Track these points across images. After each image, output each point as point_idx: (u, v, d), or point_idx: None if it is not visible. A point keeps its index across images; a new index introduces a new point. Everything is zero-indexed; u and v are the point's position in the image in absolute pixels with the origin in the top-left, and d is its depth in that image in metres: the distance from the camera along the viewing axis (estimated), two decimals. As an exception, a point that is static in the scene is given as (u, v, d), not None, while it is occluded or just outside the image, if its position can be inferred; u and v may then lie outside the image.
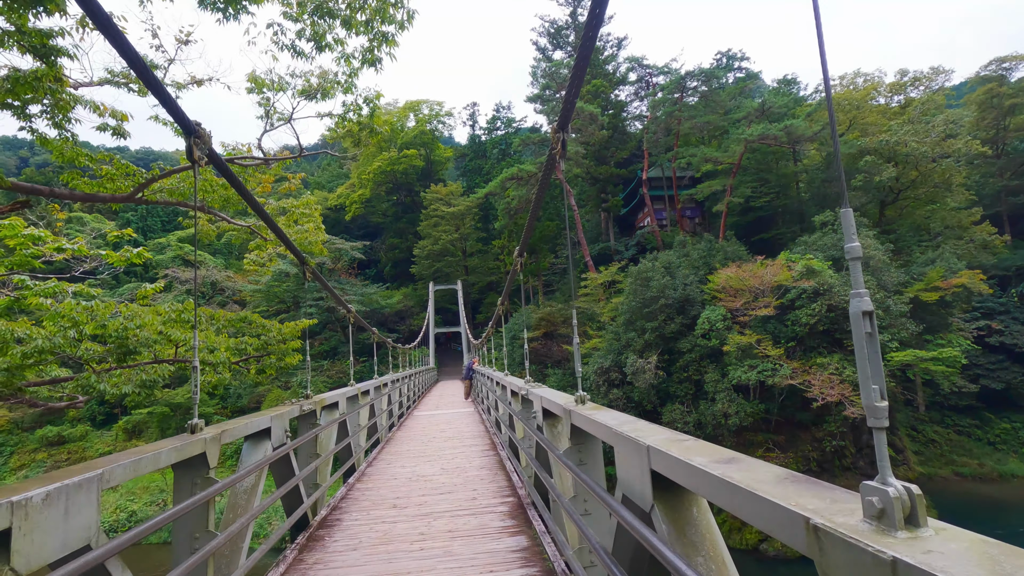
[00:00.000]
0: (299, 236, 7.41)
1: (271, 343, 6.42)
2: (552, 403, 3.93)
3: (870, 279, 25.58)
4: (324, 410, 6.34)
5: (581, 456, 3.28)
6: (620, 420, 2.56)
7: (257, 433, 4.01)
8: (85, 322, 4.68)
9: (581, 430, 3.17)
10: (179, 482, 3.03)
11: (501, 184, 38.95)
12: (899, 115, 36.88)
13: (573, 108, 3.62)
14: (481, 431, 10.88)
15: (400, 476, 7.11)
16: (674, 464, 1.74)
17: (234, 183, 3.59)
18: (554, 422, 4.30)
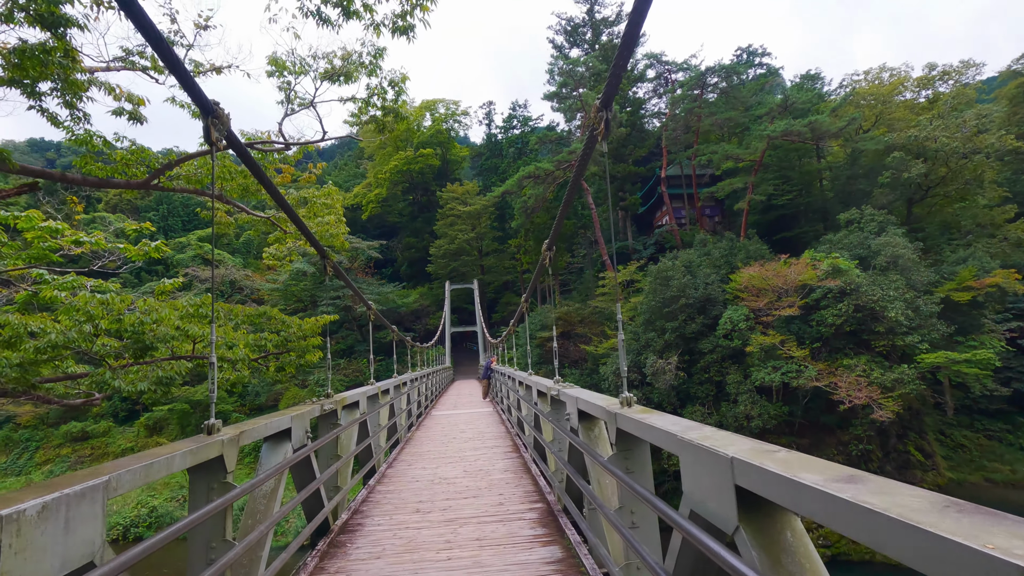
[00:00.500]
0: (320, 229, 7.19)
1: (291, 339, 6.22)
2: (591, 405, 3.65)
3: (899, 278, 24.85)
4: (344, 410, 6.13)
5: (628, 463, 3.00)
6: (683, 425, 2.27)
7: (277, 434, 3.79)
8: (101, 316, 4.51)
9: (629, 435, 2.89)
10: (195, 487, 2.81)
11: (518, 182, 38.68)
12: (927, 110, 35.87)
13: (619, 84, 3.34)
14: (502, 432, 10.62)
15: (422, 478, 6.87)
16: (774, 481, 1.46)
17: (253, 168, 3.38)
18: (591, 425, 4.02)
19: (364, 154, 75.41)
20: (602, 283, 36.53)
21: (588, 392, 4.18)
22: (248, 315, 6.08)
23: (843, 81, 41.43)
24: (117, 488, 1.95)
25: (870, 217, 29.43)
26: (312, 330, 6.55)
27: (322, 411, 4.79)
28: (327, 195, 7.56)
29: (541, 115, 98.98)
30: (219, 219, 6.93)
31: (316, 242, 4.80)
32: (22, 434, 42.76)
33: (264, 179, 3.52)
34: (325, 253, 5.10)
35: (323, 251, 5.04)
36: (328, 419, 5.22)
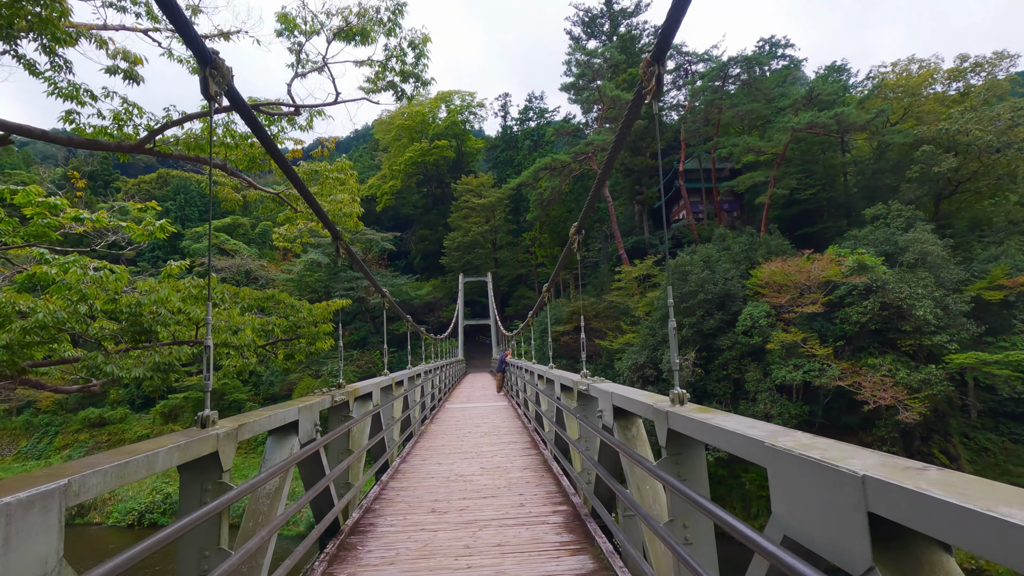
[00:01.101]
0: (332, 207, 6.79)
1: (300, 325, 5.87)
2: (632, 402, 3.25)
3: (927, 276, 24.02)
4: (357, 401, 5.79)
5: (680, 469, 2.60)
6: (766, 429, 1.87)
7: (283, 427, 3.45)
8: (94, 296, 4.20)
9: (684, 437, 2.49)
10: (185, 487, 2.47)
11: (534, 174, 38.16)
12: (959, 103, 34.67)
13: (673, 36, 2.92)
14: (519, 427, 10.26)
15: (437, 475, 6.53)
16: (938, 512, 1.05)
17: (256, 129, 3.02)
18: (628, 423, 3.62)
19: (379, 146, 75.31)
20: (618, 277, 35.97)
21: (625, 387, 3.78)
22: (255, 298, 5.71)
23: (870, 73, 40.21)
24: (80, 493, 1.59)
25: (897, 212, 28.51)
26: (323, 316, 6.16)
27: (333, 403, 4.45)
28: (340, 169, 7.10)
29: (558, 107, 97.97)
30: (225, 195, 6.57)
31: (328, 221, 4.45)
32: (42, 419, 43.48)
33: (269, 143, 3.16)
34: (338, 234, 4.74)
35: (335, 231, 4.69)
36: (339, 411, 4.88)
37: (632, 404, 3.25)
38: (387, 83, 6.57)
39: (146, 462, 1.92)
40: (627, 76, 44.45)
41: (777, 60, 44.04)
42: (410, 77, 6.61)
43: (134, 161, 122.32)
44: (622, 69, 45.28)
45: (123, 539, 28.07)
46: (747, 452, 1.80)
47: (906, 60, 41.32)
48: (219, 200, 6.98)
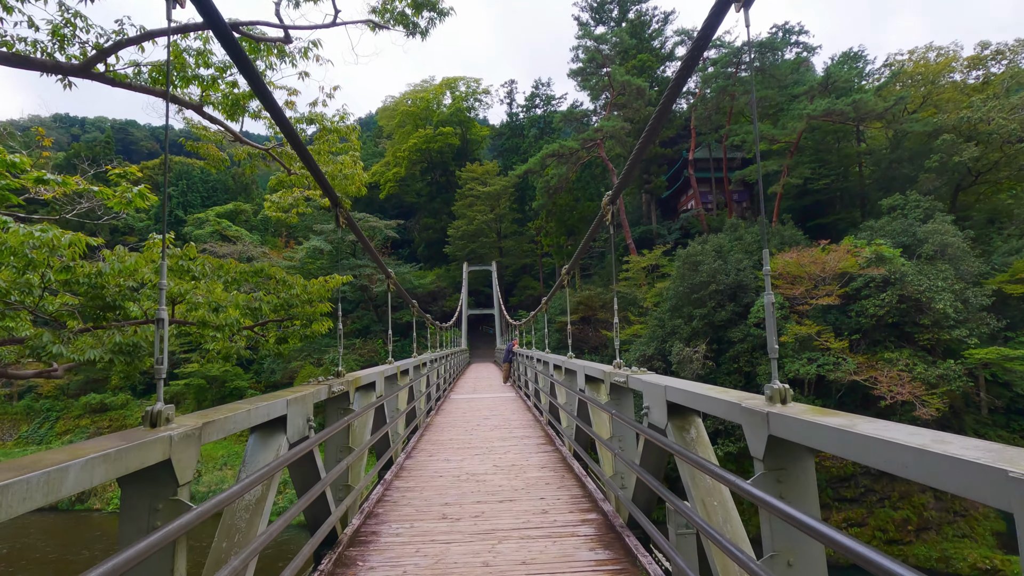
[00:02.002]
0: (332, 169, 6.08)
1: (294, 304, 5.23)
2: (697, 397, 2.62)
3: (947, 268, 23.29)
4: (359, 392, 5.18)
5: (783, 489, 1.97)
6: (969, 445, 1.23)
7: (268, 423, 2.83)
8: (44, 263, 3.57)
9: (793, 447, 1.86)
10: (128, 508, 1.84)
11: (541, 161, 37.34)
12: (979, 92, 33.65)
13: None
14: (530, 420, 9.67)
15: (446, 473, 5.93)
16: None
17: (234, 52, 2.38)
18: (686, 423, 3.00)
19: (383, 133, 74.39)
20: (626, 267, 35.29)
21: (679, 380, 3.15)
22: (241, 272, 5.04)
23: (887, 60, 39.12)
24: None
25: (915, 203, 27.71)
26: (320, 294, 5.51)
27: (330, 393, 3.82)
28: (341, 119, 6.29)
29: (565, 94, 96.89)
30: (207, 152, 5.85)
31: (325, 183, 3.82)
32: (43, 404, 43.34)
33: (251, 72, 2.51)
34: (337, 200, 4.11)
35: (335, 197, 4.06)
36: (338, 403, 4.27)
37: (698, 401, 2.62)
38: (399, 13, 5.73)
39: (44, 483, 1.29)
40: (637, 63, 43.48)
41: (790, 48, 42.97)
42: (424, 7, 5.79)
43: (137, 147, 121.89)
44: (631, 55, 44.27)
45: (119, 525, 27.71)
46: (963, 484, 1.16)
47: (924, 48, 40.27)
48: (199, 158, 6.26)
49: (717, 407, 2.39)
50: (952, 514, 21.73)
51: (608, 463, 4.65)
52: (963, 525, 21.54)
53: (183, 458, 1.88)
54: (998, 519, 21.45)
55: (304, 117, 5.77)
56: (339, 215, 4.20)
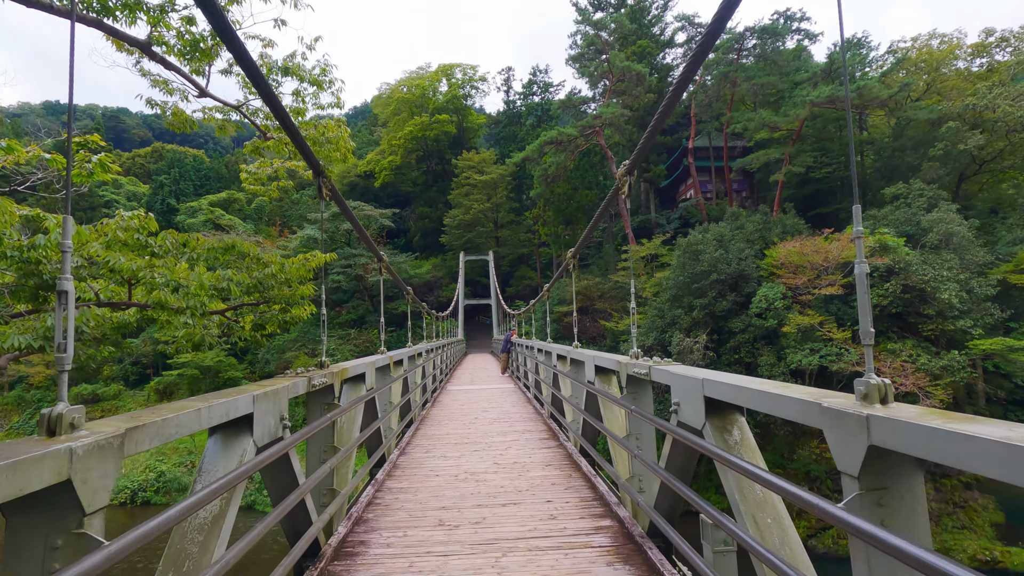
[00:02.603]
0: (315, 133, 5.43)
1: (270, 285, 4.69)
2: (747, 393, 2.15)
3: (952, 258, 22.93)
4: (347, 384, 4.71)
5: (884, 513, 1.51)
6: None
7: (230, 424, 2.36)
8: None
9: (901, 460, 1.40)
10: (16, 545, 1.36)
11: (539, 149, 36.68)
12: (984, 79, 33.16)
13: None
14: (531, 412, 9.23)
15: (443, 472, 5.48)
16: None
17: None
18: (727, 423, 2.54)
19: (378, 121, 73.37)
20: (624, 257, 34.81)
21: (722, 372, 2.68)
22: (210, 249, 4.50)
23: (890, 47, 38.51)
24: None
25: (919, 192, 27.29)
26: (300, 274, 4.94)
27: (310, 387, 3.34)
28: (324, 71, 5.59)
29: (563, 81, 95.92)
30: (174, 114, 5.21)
31: (305, 148, 3.32)
32: (34, 395, 42.91)
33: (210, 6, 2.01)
34: (320, 168, 3.62)
35: (317, 164, 3.56)
36: (321, 398, 3.79)
37: (750, 397, 2.15)
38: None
39: None
40: (636, 48, 42.74)
41: (792, 36, 42.32)
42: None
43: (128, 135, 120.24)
44: (631, 41, 43.51)
45: (115, 518, 27.37)
46: None
47: (927, 35, 39.70)
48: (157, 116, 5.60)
49: (781, 406, 1.93)
50: (952, 505, 21.58)
51: (623, 463, 4.20)
52: (962, 516, 21.39)
53: (92, 477, 1.40)
54: (996, 510, 21.30)
55: (279, 67, 5.07)
56: (321, 185, 3.71)
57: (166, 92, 4.43)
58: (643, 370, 3.47)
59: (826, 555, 18.94)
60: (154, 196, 62.78)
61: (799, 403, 1.80)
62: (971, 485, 22.49)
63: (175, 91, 4.46)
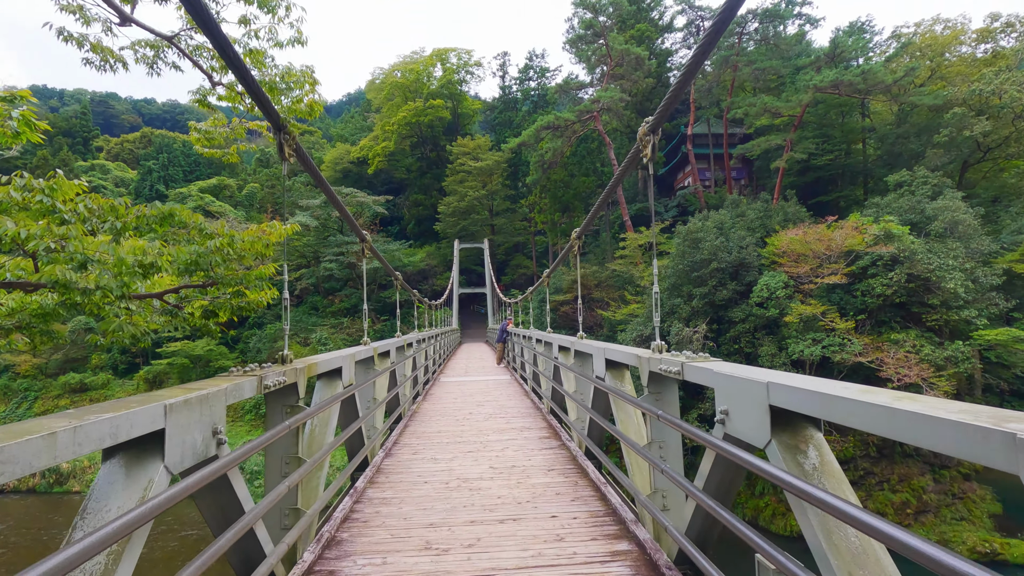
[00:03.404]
0: (272, 76, 4.55)
1: (214, 262, 3.94)
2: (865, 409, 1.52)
3: (958, 246, 22.44)
4: (320, 380, 4.07)
5: None
6: None
7: (131, 444, 1.71)
8: None
9: None
10: None
11: (535, 134, 35.84)
12: (989, 65, 32.53)
13: None
14: (529, 407, 8.63)
15: (432, 478, 4.86)
16: None
17: None
18: (799, 439, 1.92)
19: (372, 107, 72.05)
20: (622, 245, 34.20)
21: (795, 376, 2.05)
22: (143, 217, 3.76)
23: (894, 31, 37.76)
24: None
25: (923, 179, 26.75)
26: (256, 250, 4.23)
27: (263, 388, 2.70)
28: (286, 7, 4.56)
29: (559, 66, 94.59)
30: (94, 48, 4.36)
31: (260, 94, 2.65)
32: (21, 384, 42.20)
33: None
34: (280, 122, 2.95)
35: (275, 116, 2.89)
36: (282, 399, 3.16)
37: (852, 411, 1.53)
38: None
39: None
40: (635, 32, 41.81)
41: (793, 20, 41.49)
42: None
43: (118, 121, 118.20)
44: (630, 25, 42.58)
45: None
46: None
47: (931, 20, 38.96)
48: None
49: (919, 430, 1.29)
50: (951, 497, 21.34)
51: (642, 475, 3.59)
52: (961, 508, 21.15)
53: None
54: (994, 501, 21.04)
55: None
56: (283, 144, 3.04)
57: (83, 22, 3.72)
58: (672, 368, 2.84)
59: None
60: (142, 182, 61.53)
61: (960, 430, 1.17)
62: (969, 476, 22.26)
63: (94, 20, 3.74)
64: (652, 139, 3.30)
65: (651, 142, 3.28)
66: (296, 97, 4.29)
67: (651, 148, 3.24)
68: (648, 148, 3.25)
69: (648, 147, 3.25)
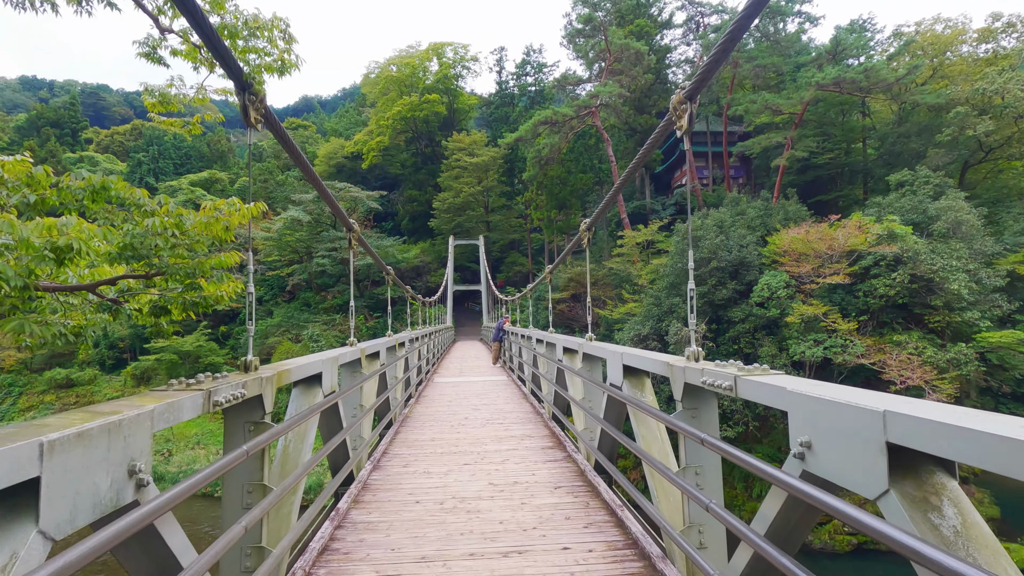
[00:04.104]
0: (235, 22, 3.93)
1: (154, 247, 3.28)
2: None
3: (962, 246, 22.12)
4: (296, 388, 3.52)
5: None
6: None
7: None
8: None
9: None
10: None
11: (533, 129, 35.25)
12: (991, 65, 32.25)
13: None
14: (528, 411, 8.11)
15: (425, 497, 4.32)
16: None
17: None
18: (929, 490, 1.40)
19: (367, 101, 71.18)
20: (620, 243, 33.73)
21: (918, 402, 1.53)
22: (67, 190, 3.04)
23: (896, 30, 37.44)
24: None
25: (924, 179, 26.41)
26: (214, 234, 3.52)
27: (211, 405, 2.14)
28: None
29: (557, 62, 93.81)
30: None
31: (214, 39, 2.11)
32: (4, 379, 41.39)
33: None
34: (243, 79, 2.40)
35: (238, 72, 2.34)
36: (243, 415, 2.61)
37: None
38: None
39: None
40: (634, 27, 41.26)
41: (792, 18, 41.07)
42: None
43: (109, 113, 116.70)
44: (629, 20, 42.03)
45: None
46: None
47: (931, 19, 38.69)
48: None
49: None
50: (951, 501, 20.99)
51: (673, 504, 3.06)
52: (961, 512, 20.80)
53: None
54: (992, 505, 20.76)
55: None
56: (247, 106, 2.50)
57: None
58: (721, 382, 2.31)
59: None
60: (131, 174, 60.53)
61: None
62: (968, 479, 22.00)
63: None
64: (689, 108, 2.77)
65: (687, 111, 2.76)
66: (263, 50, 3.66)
67: (687, 118, 2.71)
68: (684, 118, 2.73)
69: (684, 117, 2.72)
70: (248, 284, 2.62)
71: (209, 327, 41.06)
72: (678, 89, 2.86)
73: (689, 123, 2.80)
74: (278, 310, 43.64)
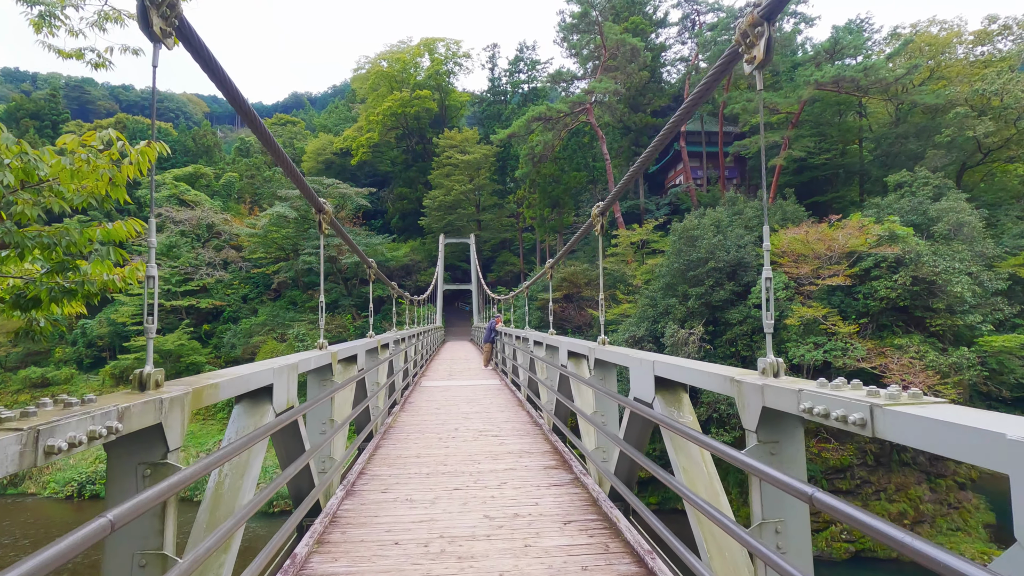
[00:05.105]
0: None
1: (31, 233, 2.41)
2: None
3: (964, 249, 21.69)
4: (241, 404, 2.72)
5: None
6: None
7: None
8: None
9: None
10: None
11: (526, 125, 34.49)
12: (988, 66, 32.04)
13: None
14: (525, 421, 7.33)
15: (406, 537, 3.52)
16: None
17: None
18: None
19: (357, 97, 70.04)
20: (614, 243, 33.08)
21: None
22: None
23: (893, 31, 37.19)
24: None
25: (923, 180, 26.03)
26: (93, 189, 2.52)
27: (37, 456, 1.34)
28: None
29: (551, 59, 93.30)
30: None
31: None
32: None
33: None
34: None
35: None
36: (137, 453, 1.81)
37: None
38: None
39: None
40: (629, 24, 40.68)
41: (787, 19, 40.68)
42: None
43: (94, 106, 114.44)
44: (624, 17, 41.44)
45: (62, 512, 24.98)
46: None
47: (927, 21, 38.47)
48: None
49: None
50: (946, 507, 20.73)
51: (731, 566, 2.29)
52: (956, 518, 20.57)
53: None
54: (987, 511, 20.45)
55: None
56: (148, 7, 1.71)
57: None
58: (845, 413, 1.55)
59: None
60: (113, 168, 58.93)
61: None
62: (964, 485, 21.70)
63: None
64: (767, 31, 2.02)
65: (764, 35, 2.01)
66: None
67: (764, 45, 1.97)
68: (760, 45, 1.98)
69: (760, 43, 1.97)
70: (150, 263, 1.82)
71: (192, 325, 39.87)
72: (750, 8, 2.10)
73: (767, 53, 2.05)
74: (263, 308, 42.48)
